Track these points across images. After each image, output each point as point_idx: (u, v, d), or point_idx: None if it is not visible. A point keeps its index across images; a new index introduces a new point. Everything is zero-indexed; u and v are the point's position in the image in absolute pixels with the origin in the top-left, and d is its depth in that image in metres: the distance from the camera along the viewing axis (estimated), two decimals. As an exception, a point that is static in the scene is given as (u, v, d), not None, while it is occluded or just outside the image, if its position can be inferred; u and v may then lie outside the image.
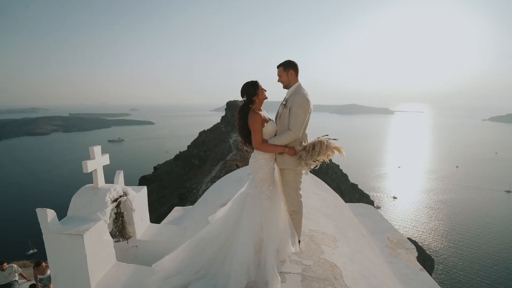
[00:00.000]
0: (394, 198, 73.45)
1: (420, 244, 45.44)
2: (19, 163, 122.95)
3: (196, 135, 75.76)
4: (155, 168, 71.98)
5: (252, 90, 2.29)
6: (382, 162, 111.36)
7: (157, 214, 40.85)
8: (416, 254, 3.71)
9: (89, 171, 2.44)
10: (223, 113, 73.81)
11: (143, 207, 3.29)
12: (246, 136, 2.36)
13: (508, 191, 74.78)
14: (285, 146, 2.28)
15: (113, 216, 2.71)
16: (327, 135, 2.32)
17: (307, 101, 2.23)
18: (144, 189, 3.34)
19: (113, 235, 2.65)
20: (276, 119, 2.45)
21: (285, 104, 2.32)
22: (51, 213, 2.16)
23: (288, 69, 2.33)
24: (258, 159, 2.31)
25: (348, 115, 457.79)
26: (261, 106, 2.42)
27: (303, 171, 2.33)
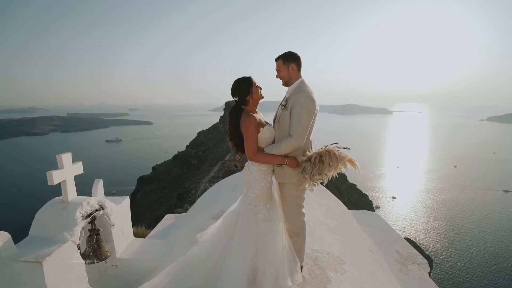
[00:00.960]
0: (393, 198, 73.35)
1: (418, 244, 45.29)
2: (17, 163, 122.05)
3: (195, 135, 75.36)
4: (153, 168, 71.50)
5: (244, 88, 1.93)
6: (381, 162, 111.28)
7: (155, 214, 40.48)
8: (428, 269, 3.39)
9: (55, 183, 2.08)
10: (222, 113, 73.49)
11: (125, 221, 2.93)
12: (238, 142, 2.00)
13: (506, 191, 74.86)
14: (285, 156, 1.92)
15: (87, 233, 2.35)
16: (336, 143, 1.95)
17: (312, 100, 1.88)
18: (126, 200, 2.98)
19: (86, 256, 2.29)
20: (274, 122, 2.08)
21: (285, 104, 1.96)
22: (3, 236, 1.80)
23: (289, 63, 1.96)
24: (253, 171, 1.95)
25: (347, 115, 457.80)
26: (256, 107, 2.05)
27: (307, 187, 1.93)
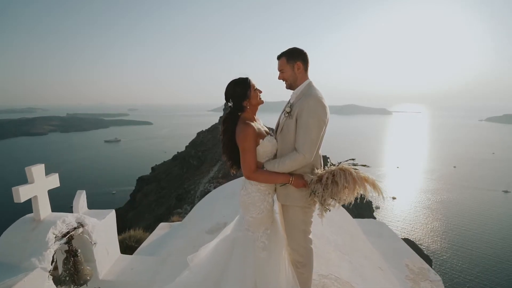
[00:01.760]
0: (393, 198, 73.17)
1: (418, 244, 45.12)
2: (16, 163, 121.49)
3: (194, 135, 75.11)
4: (153, 168, 71.19)
5: (241, 91, 1.64)
6: (381, 162, 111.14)
7: (154, 215, 40.24)
8: (442, 287, 3.13)
9: (22, 200, 1.80)
10: (222, 113, 73.21)
11: (110, 237, 2.65)
12: (234, 156, 1.70)
13: (506, 191, 74.75)
14: (290, 174, 1.61)
15: (64, 255, 2.07)
16: (353, 159, 1.67)
17: (323, 107, 1.58)
18: (111, 214, 2.70)
19: (62, 281, 2.01)
20: (276, 132, 1.77)
21: (289, 111, 1.66)
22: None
23: (294, 61, 1.66)
24: (250, 192, 1.66)
25: (347, 115, 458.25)
26: (255, 113, 1.77)
27: (317, 211, 1.65)
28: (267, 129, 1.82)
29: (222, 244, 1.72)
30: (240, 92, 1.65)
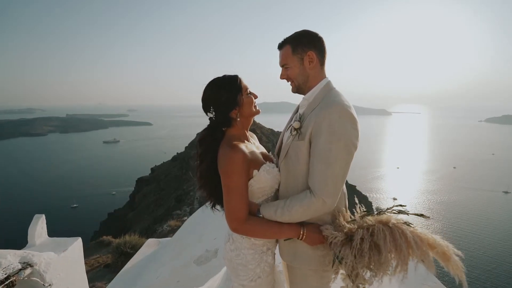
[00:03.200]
0: (394, 199, 73.14)
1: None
2: (15, 164, 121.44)
3: (194, 136, 75.13)
4: (152, 169, 71.12)
5: (228, 96, 1.14)
6: (381, 163, 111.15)
7: (154, 216, 40.11)
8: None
9: None
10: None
11: (75, 273, 2.17)
12: (218, 191, 1.16)
13: (506, 192, 74.75)
14: (301, 224, 1.10)
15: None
16: (403, 205, 1.13)
17: (352, 122, 1.04)
18: (76, 244, 2.27)
19: None
20: (278, 157, 1.25)
21: (298, 128, 1.12)
22: None
23: (303, 50, 1.13)
24: (240, 247, 1.17)
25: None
26: (247, 128, 1.26)
27: (342, 283, 1.10)
28: (265, 151, 1.30)
29: None
30: (227, 98, 1.13)
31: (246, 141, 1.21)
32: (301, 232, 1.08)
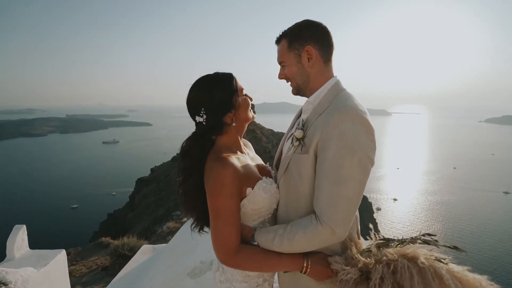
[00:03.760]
0: (395, 200, 73.07)
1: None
2: (15, 164, 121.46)
3: (193, 136, 75.01)
4: (152, 170, 71.07)
5: (222, 96, 0.95)
6: (381, 163, 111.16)
7: (153, 217, 40.03)
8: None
9: None
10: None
11: (58, 285, 1.98)
12: (204, 213, 0.96)
13: (506, 193, 74.68)
14: (304, 255, 0.90)
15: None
16: (432, 235, 0.87)
17: (368, 131, 0.87)
18: (59, 257, 2.04)
19: None
20: (277, 171, 1.04)
21: (300, 138, 0.92)
22: None
23: (302, 45, 0.93)
24: (232, 279, 0.98)
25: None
26: (241, 135, 1.06)
27: None
28: (261, 163, 1.11)
29: None
30: (221, 99, 0.93)
31: (238, 152, 1.01)
32: (305, 265, 0.88)
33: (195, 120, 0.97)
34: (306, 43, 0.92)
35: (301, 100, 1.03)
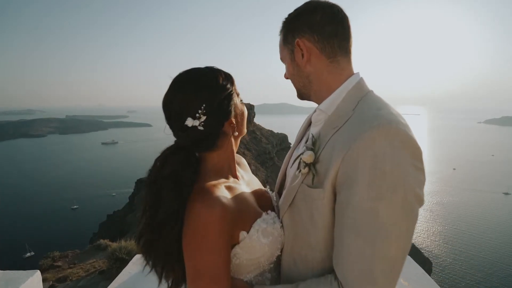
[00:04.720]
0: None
1: (418, 246, 44.97)
2: (15, 165, 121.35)
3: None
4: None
5: (222, 95, 0.67)
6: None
7: (153, 218, 39.98)
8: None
9: None
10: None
11: None
12: (173, 263, 0.65)
13: (506, 193, 74.67)
14: None
15: None
16: None
17: (414, 151, 0.59)
18: (34, 277, 1.80)
19: None
20: (280, 200, 0.74)
21: (310, 163, 0.62)
22: None
23: (294, 37, 0.68)
24: None
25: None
26: (235, 149, 0.77)
27: None
28: (260, 187, 0.84)
29: None
30: (222, 101, 0.68)
31: (231, 177, 0.73)
32: None
33: (181, 126, 0.67)
34: (298, 35, 0.67)
35: (301, 100, 0.79)
